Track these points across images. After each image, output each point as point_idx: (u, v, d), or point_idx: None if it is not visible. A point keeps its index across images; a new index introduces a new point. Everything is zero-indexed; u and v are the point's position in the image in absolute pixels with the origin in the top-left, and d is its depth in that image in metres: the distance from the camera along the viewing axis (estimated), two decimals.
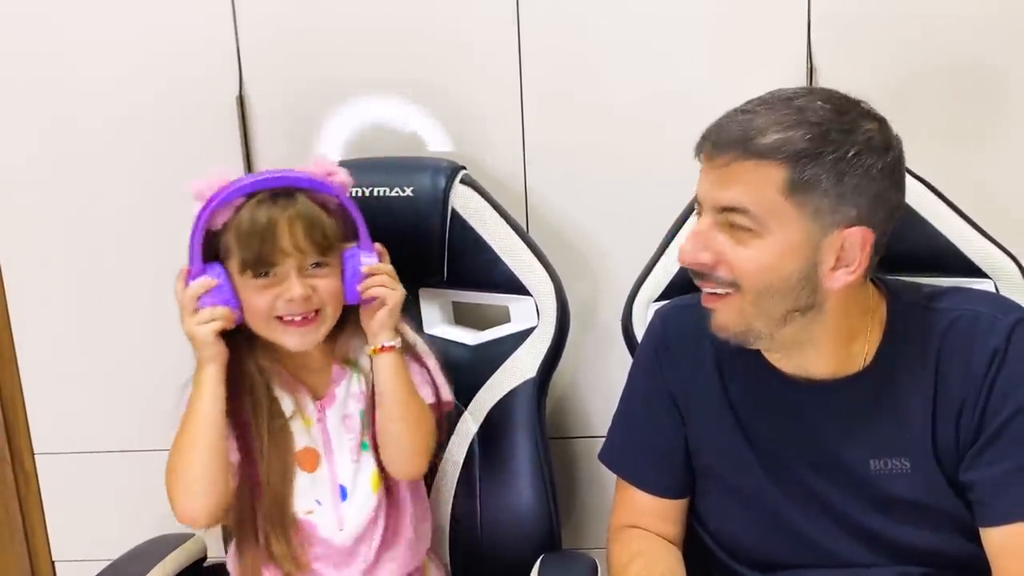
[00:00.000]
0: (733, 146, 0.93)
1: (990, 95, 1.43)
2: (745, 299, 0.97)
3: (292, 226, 1.11)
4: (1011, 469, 0.97)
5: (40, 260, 1.59)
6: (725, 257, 0.96)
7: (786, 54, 1.43)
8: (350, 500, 1.21)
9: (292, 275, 1.12)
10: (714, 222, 0.97)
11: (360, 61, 1.49)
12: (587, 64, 1.47)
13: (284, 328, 1.15)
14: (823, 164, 0.91)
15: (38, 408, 1.65)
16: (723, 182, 0.95)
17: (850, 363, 1.03)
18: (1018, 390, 0.97)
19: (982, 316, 1.00)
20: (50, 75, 1.53)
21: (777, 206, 0.92)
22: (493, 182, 1.46)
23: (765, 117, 0.94)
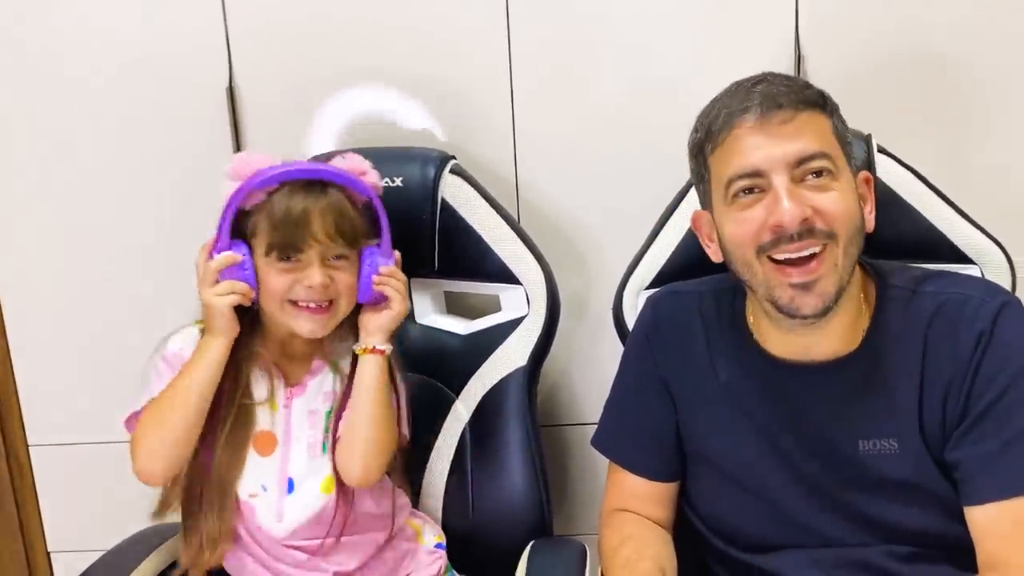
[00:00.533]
0: (789, 101, 0.97)
1: (976, 83, 1.43)
2: (840, 248, 0.98)
3: (324, 216, 1.14)
4: (994, 449, 0.98)
5: (31, 251, 1.59)
6: (819, 207, 0.97)
7: (774, 41, 1.44)
8: (296, 494, 1.21)
9: (315, 263, 1.15)
10: (791, 180, 0.97)
11: (350, 51, 1.49)
12: (578, 54, 1.47)
13: (297, 312, 1.17)
14: (839, 116, 1.02)
15: (31, 400, 1.65)
16: (793, 134, 0.97)
17: (847, 343, 1.05)
18: (1003, 372, 0.99)
19: (970, 299, 1.02)
20: (40, 65, 1.53)
21: (836, 150, 1.00)
22: (484, 172, 1.47)
23: (783, 84, 0.99)
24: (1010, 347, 1.00)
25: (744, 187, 0.99)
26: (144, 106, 1.53)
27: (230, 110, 1.51)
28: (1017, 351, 1.00)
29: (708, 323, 1.13)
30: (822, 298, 0.99)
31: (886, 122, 1.31)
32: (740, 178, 0.99)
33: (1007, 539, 0.97)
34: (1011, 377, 0.99)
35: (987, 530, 0.98)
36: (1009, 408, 0.98)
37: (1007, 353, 0.99)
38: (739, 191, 1.00)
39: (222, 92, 1.50)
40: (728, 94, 1.02)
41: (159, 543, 1.32)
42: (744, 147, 0.98)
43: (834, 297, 0.99)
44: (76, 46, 1.52)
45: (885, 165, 1.25)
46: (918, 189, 1.24)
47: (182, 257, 1.54)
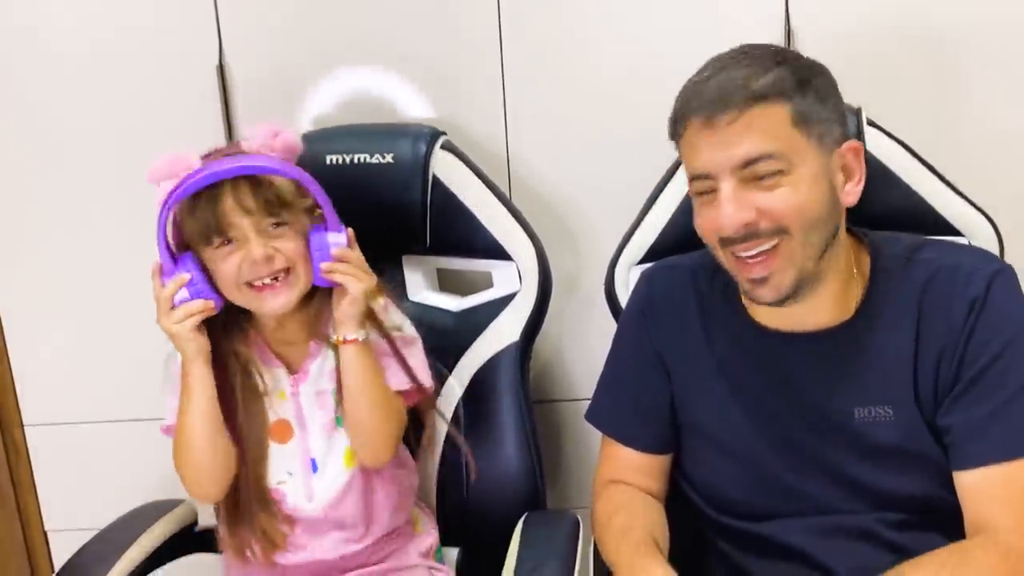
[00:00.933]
0: (733, 101, 0.95)
1: (968, 54, 1.43)
2: (795, 241, 0.98)
3: (236, 188, 1.10)
4: (985, 414, 0.99)
5: (21, 231, 1.59)
6: (764, 208, 0.97)
7: (765, 16, 1.43)
8: (321, 472, 1.22)
9: (251, 237, 1.11)
10: (737, 182, 0.97)
11: (340, 28, 1.48)
12: (568, 29, 1.46)
13: (256, 294, 1.14)
14: (811, 93, 0.97)
15: (26, 380, 1.65)
16: (738, 136, 0.96)
17: (839, 313, 1.06)
18: (995, 339, 1.00)
19: (963, 267, 1.03)
20: (26, 44, 1.51)
21: (793, 141, 0.96)
22: (475, 148, 1.46)
23: (743, 70, 0.97)
24: (1002, 314, 1.01)
25: (700, 187, 1.01)
26: (133, 85, 1.52)
27: (220, 88, 1.50)
28: (1009, 318, 1.01)
29: (702, 296, 1.14)
30: (777, 290, 1.00)
31: (877, 95, 1.31)
32: (694, 179, 1.02)
33: (994, 501, 0.98)
34: (1003, 343, 0.99)
35: (975, 493, 0.99)
36: (1001, 374, 0.99)
37: (999, 320, 1.00)
38: (696, 188, 1.02)
39: (212, 70, 1.49)
40: (694, 78, 1.01)
41: (156, 518, 1.33)
42: (694, 148, 0.99)
43: (791, 288, 1.00)
44: (63, 23, 1.50)
45: (875, 138, 1.25)
46: (907, 162, 1.25)
47: None
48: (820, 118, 0.98)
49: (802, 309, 1.04)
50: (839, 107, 1.01)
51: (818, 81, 0.99)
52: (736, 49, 1.01)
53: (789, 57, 1.00)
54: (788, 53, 1.02)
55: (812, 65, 1.01)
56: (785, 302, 1.01)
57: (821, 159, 0.98)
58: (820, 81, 0.99)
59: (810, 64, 1.01)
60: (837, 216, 1.01)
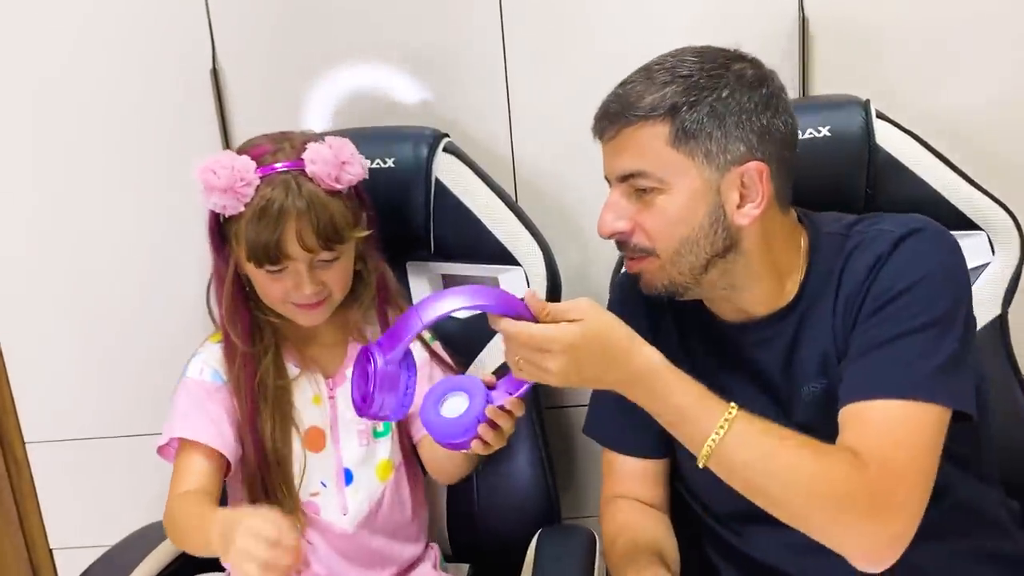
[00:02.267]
0: (616, 118, 1.00)
1: (983, 44, 1.40)
2: (661, 261, 1.02)
3: (300, 220, 1.09)
4: (871, 352, 0.97)
5: (19, 242, 1.57)
6: (639, 221, 1.01)
7: (779, 7, 1.40)
8: (355, 485, 1.21)
9: (303, 273, 1.12)
10: (622, 192, 1.02)
11: (336, 29, 1.46)
12: (572, 27, 1.44)
13: (296, 309, 1.16)
14: (701, 110, 0.96)
15: (26, 397, 1.64)
16: (616, 152, 1.01)
17: (783, 298, 1.07)
18: (892, 287, 0.98)
19: (882, 233, 1.03)
20: (22, 52, 1.49)
21: (669, 159, 0.98)
22: (478, 149, 1.44)
23: (642, 84, 0.99)
24: (905, 265, 0.99)
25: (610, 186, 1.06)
26: (127, 90, 1.50)
27: (215, 92, 1.47)
28: (910, 269, 0.99)
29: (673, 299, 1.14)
30: (650, 287, 1.05)
31: (891, 85, 1.28)
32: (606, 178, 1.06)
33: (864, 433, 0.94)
34: (899, 290, 0.98)
35: (847, 422, 0.97)
36: (891, 315, 0.97)
37: (899, 271, 0.99)
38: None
39: (206, 74, 1.47)
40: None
41: (163, 538, 1.28)
42: (603, 155, 1.05)
43: (666, 289, 1.04)
44: (56, 28, 1.48)
45: (884, 131, 1.24)
46: (919, 154, 1.23)
47: (170, 243, 1.54)
48: (708, 135, 0.97)
49: (741, 298, 1.07)
50: (748, 124, 0.98)
51: (719, 97, 0.96)
52: (665, 54, 1.03)
53: (703, 69, 0.98)
54: (708, 62, 0.99)
55: (722, 77, 0.98)
56: (668, 297, 1.06)
57: (705, 177, 0.98)
58: (723, 97, 0.97)
59: (720, 76, 0.98)
60: (725, 236, 1.00)
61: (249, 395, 1.16)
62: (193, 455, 1.16)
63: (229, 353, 1.19)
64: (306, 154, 1.12)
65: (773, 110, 0.99)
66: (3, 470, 1.67)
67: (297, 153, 1.13)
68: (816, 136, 1.23)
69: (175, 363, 1.25)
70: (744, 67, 1.00)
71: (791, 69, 1.40)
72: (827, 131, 1.23)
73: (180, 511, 1.12)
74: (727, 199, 0.99)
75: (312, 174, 1.11)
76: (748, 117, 0.97)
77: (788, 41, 1.40)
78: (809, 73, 1.41)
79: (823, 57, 1.41)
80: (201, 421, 1.17)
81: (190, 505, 1.11)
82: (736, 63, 1.00)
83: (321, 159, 1.11)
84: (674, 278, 1.02)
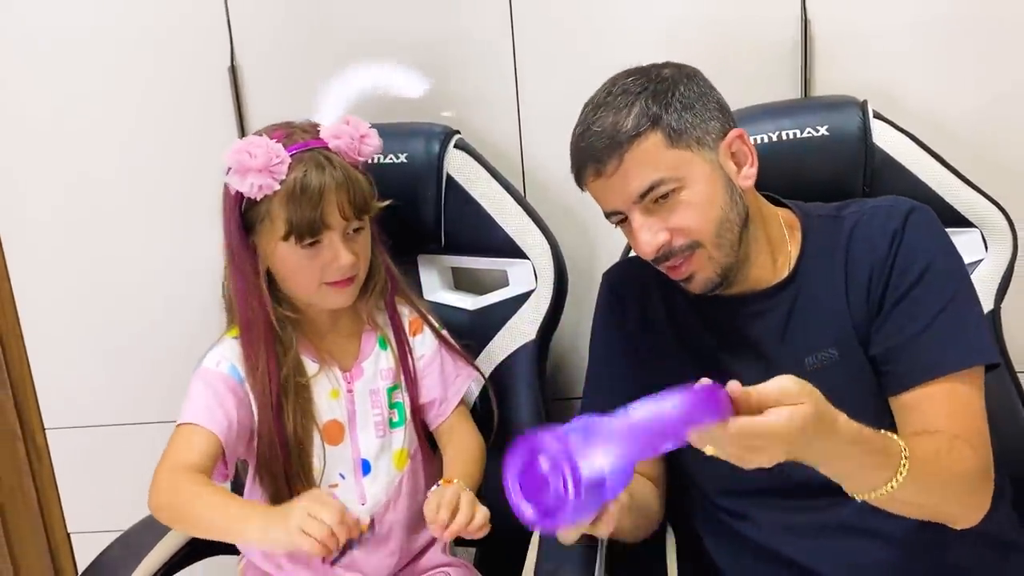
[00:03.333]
0: (609, 152, 1.02)
1: (985, 47, 1.41)
2: (707, 248, 1.05)
3: (339, 193, 1.13)
4: (912, 335, 1.04)
5: (41, 234, 1.60)
6: (672, 225, 1.04)
7: (782, 10, 1.41)
8: (373, 475, 1.23)
9: (338, 244, 1.14)
10: (642, 211, 1.04)
11: (351, 28, 1.48)
12: (582, 25, 1.46)
13: (332, 289, 1.17)
14: (673, 109, 1.02)
15: (47, 384, 1.67)
16: (625, 179, 1.03)
17: (777, 272, 1.12)
18: (913, 265, 1.05)
19: (881, 207, 1.10)
20: (38, 48, 1.52)
21: (674, 159, 1.02)
22: (488, 146, 1.46)
23: (606, 117, 1.03)
24: (919, 241, 1.07)
25: (616, 220, 1.08)
26: (146, 88, 1.52)
27: (232, 90, 1.50)
28: (925, 246, 1.07)
29: (660, 281, 1.17)
30: (706, 283, 1.07)
31: (894, 86, 1.30)
32: (609, 216, 1.09)
33: (939, 416, 1.01)
34: (921, 269, 1.04)
35: (918, 412, 1.03)
36: (922, 296, 1.04)
37: (916, 247, 1.06)
38: (615, 220, 1.09)
39: (224, 72, 1.50)
40: (576, 132, 1.07)
41: None
42: (597, 195, 1.07)
43: (717, 280, 1.07)
44: (75, 25, 1.51)
45: (882, 130, 1.25)
46: (915, 154, 1.25)
47: (188, 236, 1.57)
48: (691, 125, 1.03)
49: (746, 274, 1.10)
50: (709, 103, 1.05)
51: (680, 91, 1.03)
52: (602, 89, 1.07)
53: (653, 78, 1.04)
54: (649, 74, 1.05)
55: (674, 77, 1.05)
56: (717, 289, 1.08)
57: (708, 159, 1.04)
58: (683, 90, 1.04)
59: (672, 77, 1.05)
60: (742, 203, 1.06)
61: (274, 391, 1.17)
62: (195, 435, 1.16)
63: (249, 349, 1.19)
64: (326, 132, 1.17)
65: (711, 90, 1.07)
66: (24, 456, 1.70)
67: (312, 134, 1.17)
68: (814, 135, 1.25)
69: (191, 353, 1.27)
70: (668, 67, 1.06)
71: (793, 70, 1.42)
72: (825, 131, 1.25)
73: (183, 486, 1.12)
74: (728, 170, 1.05)
75: (336, 148, 1.16)
76: (705, 100, 1.05)
77: (791, 43, 1.41)
78: (811, 74, 1.42)
79: (825, 59, 1.42)
80: (211, 408, 1.17)
81: (197, 484, 1.12)
82: (662, 68, 1.06)
83: (344, 134, 1.17)
84: (722, 262, 1.06)
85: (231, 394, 1.19)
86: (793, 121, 1.26)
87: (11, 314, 1.64)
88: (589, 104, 1.07)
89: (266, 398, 1.17)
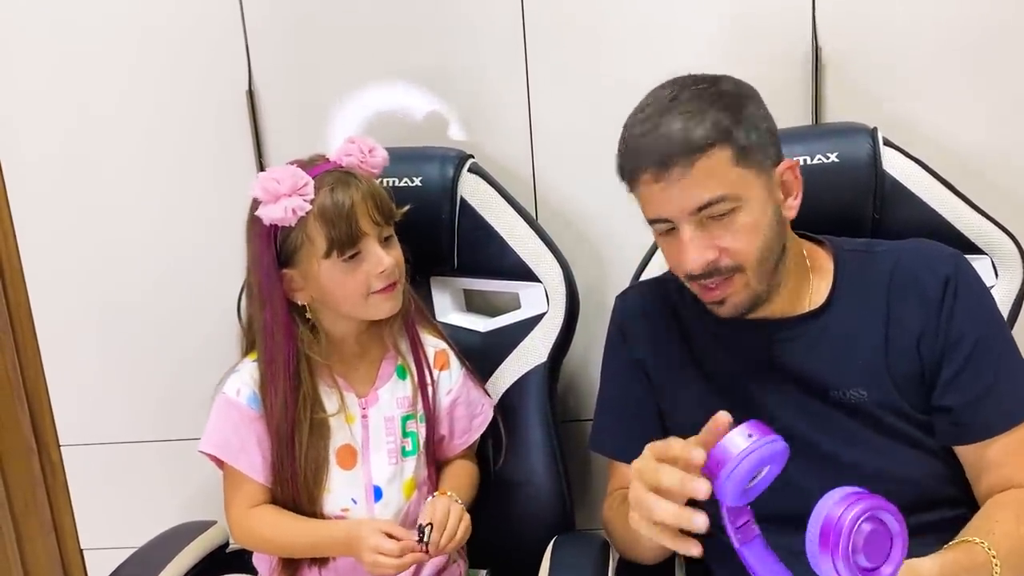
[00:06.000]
0: (678, 158, 0.98)
1: (993, 70, 1.42)
2: (749, 272, 1.04)
3: (366, 203, 1.16)
4: (987, 387, 1.05)
5: (60, 254, 1.62)
6: (722, 245, 1.02)
7: (793, 32, 1.43)
8: (384, 501, 1.24)
9: (378, 250, 1.17)
10: (695, 225, 1.01)
11: (367, 51, 1.50)
12: (593, 49, 1.47)
13: (377, 298, 1.19)
14: (742, 126, 1.00)
15: (62, 401, 1.68)
16: (689, 190, 0.99)
17: (805, 302, 1.11)
18: (976, 316, 1.06)
19: (922, 250, 1.10)
20: (62, 76, 1.55)
21: (739, 178, 1.00)
22: (501, 169, 1.48)
23: (674, 121, 0.99)
24: (974, 290, 1.08)
25: (661, 228, 1.05)
26: (164, 111, 1.54)
27: (250, 113, 1.52)
28: (980, 293, 1.09)
29: (674, 303, 1.17)
30: (736, 308, 1.06)
31: (904, 113, 1.30)
32: (654, 222, 1.05)
33: (1019, 467, 1.03)
34: (984, 320, 1.06)
35: (996, 464, 1.04)
36: (989, 347, 1.05)
37: (974, 297, 1.07)
38: (657, 229, 1.06)
39: (242, 95, 1.52)
40: (635, 129, 1.03)
41: (190, 539, 1.34)
42: (650, 198, 1.03)
43: (747, 306, 1.06)
44: (96, 55, 1.53)
45: (892, 158, 1.26)
46: (925, 181, 1.25)
47: (203, 256, 1.58)
48: (757, 146, 1.01)
49: (775, 301, 1.10)
50: (771, 127, 1.04)
51: (749, 110, 1.01)
52: (662, 92, 1.03)
53: (723, 91, 1.02)
54: (721, 85, 1.03)
55: (741, 93, 1.03)
56: (744, 315, 1.07)
57: (765, 184, 1.03)
58: (751, 109, 1.02)
59: (740, 93, 1.03)
60: (784, 232, 1.07)
61: (289, 424, 1.19)
62: (238, 474, 1.23)
63: (269, 383, 1.20)
64: (335, 154, 1.21)
65: (769, 115, 1.05)
66: (39, 472, 1.70)
67: (324, 160, 1.20)
68: (825, 162, 1.26)
69: (205, 371, 1.29)
70: (730, 83, 1.04)
71: (804, 97, 1.43)
72: (835, 157, 1.26)
73: (263, 522, 1.22)
74: (778, 198, 1.05)
75: (349, 166, 1.19)
76: (767, 123, 1.04)
77: (801, 69, 1.42)
78: (821, 101, 1.43)
79: (835, 85, 1.43)
80: (240, 448, 1.22)
81: (275, 516, 1.22)
82: (724, 83, 1.03)
83: (352, 152, 1.21)
84: (756, 289, 1.05)
85: (250, 430, 1.22)
86: (804, 147, 1.27)
87: (29, 331, 1.65)
88: (650, 105, 1.03)
89: (282, 431, 1.20)
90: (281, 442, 1.20)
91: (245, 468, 1.22)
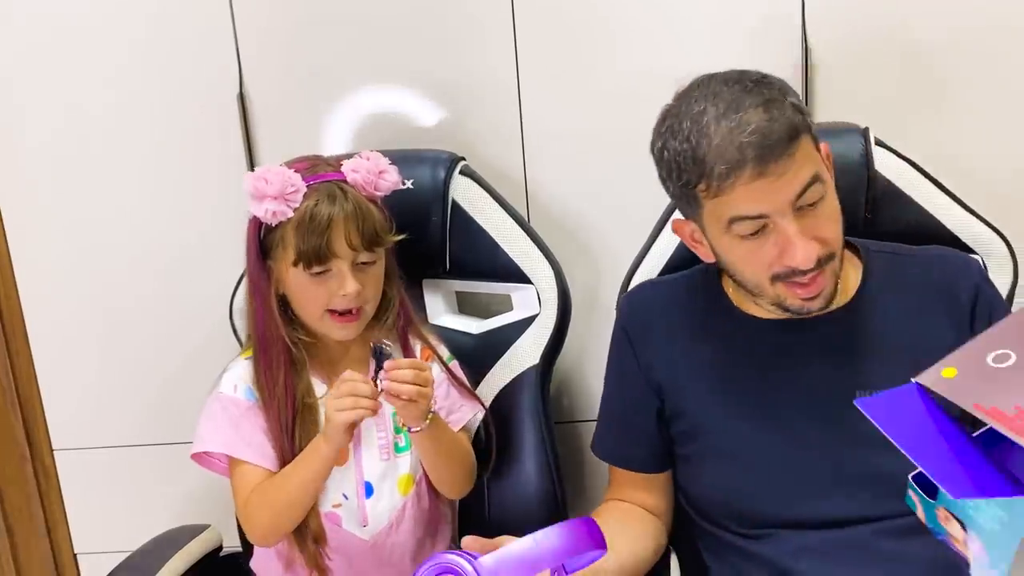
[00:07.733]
0: (780, 149, 0.95)
1: (985, 70, 1.42)
2: (837, 260, 1.03)
3: (347, 223, 1.15)
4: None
5: (52, 259, 1.62)
6: (821, 236, 1.00)
7: (782, 34, 1.43)
8: (376, 497, 1.24)
9: (346, 273, 1.16)
10: (796, 218, 0.98)
11: (358, 55, 1.50)
12: (585, 53, 1.47)
13: (332, 321, 1.19)
14: (801, 112, 1.00)
15: (55, 405, 1.68)
16: (789, 177, 0.96)
17: (835, 300, 1.08)
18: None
19: (948, 256, 1.13)
20: (53, 80, 1.55)
21: (819, 161, 1.01)
22: (493, 172, 1.48)
23: (754, 115, 0.96)
24: (999, 298, 1.12)
25: (749, 229, 1.00)
26: (156, 116, 1.54)
27: (241, 117, 1.52)
28: (1002, 301, 1.12)
29: (683, 305, 1.16)
30: (826, 300, 1.05)
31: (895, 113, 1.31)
32: (744, 220, 0.99)
33: None
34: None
35: None
36: None
37: (999, 303, 1.10)
38: (742, 229, 1.00)
39: (233, 99, 1.52)
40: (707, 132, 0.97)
41: (184, 543, 1.34)
42: (747, 196, 0.97)
43: (833, 294, 1.05)
44: (87, 59, 1.53)
45: (883, 158, 1.26)
46: (917, 181, 1.25)
47: (196, 259, 1.58)
48: (814, 132, 1.01)
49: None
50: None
51: (795, 97, 1.01)
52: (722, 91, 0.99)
53: (770, 80, 1.01)
54: (760, 75, 1.01)
55: (781, 81, 1.02)
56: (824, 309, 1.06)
57: (826, 168, 1.02)
58: (795, 96, 1.01)
59: (781, 81, 1.02)
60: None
61: (290, 411, 1.20)
62: (246, 467, 1.21)
63: (265, 369, 1.21)
64: (346, 166, 1.20)
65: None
66: (32, 476, 1.70)
67: (335, 168, 1.20)
68: None
69: (198, 374, 1.29)
70: (761, 72, 1.02)
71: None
72: None
73: (266, 492, 1.19)
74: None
75: (353, 182, 1.19)
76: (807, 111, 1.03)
77: (791, 69, 1.42)
78: (812, 101, 1.43)
79: (825, 85, 1.43)
80: (246, 442, 1.21)
81: (267, 482, 1.19)
82: (756, 72, 1.02)
83: (362, 168, 1.20)
84: (838, 277, 1.04)
85: (250, 421, 1.22)
86: None
87: (21, 335, 1.66)
88: (715, 106, 0.97)
89: (281, 419, 1.20)
90: (279, 428, 1.20)
91: (255, 458, 1.20)
